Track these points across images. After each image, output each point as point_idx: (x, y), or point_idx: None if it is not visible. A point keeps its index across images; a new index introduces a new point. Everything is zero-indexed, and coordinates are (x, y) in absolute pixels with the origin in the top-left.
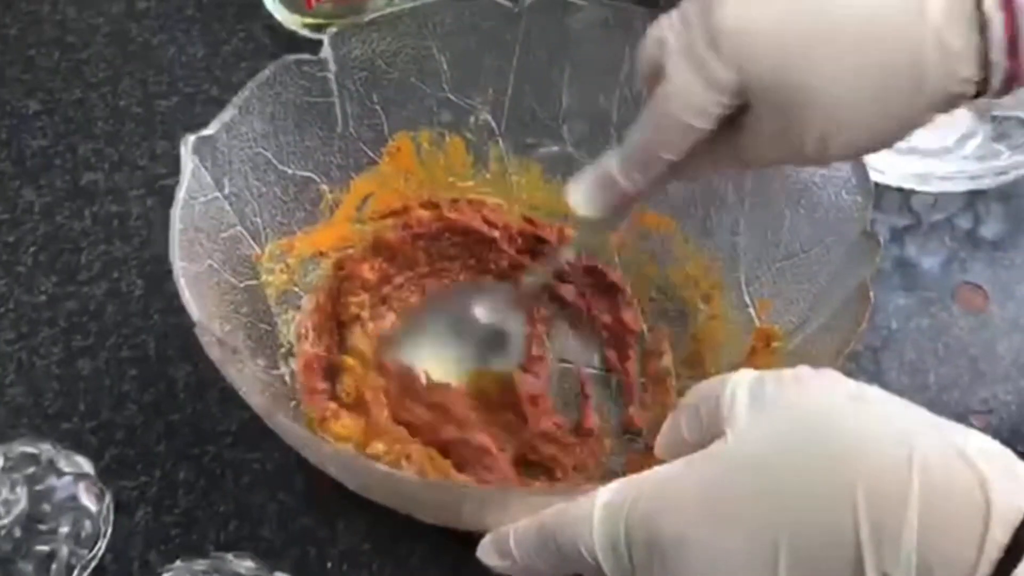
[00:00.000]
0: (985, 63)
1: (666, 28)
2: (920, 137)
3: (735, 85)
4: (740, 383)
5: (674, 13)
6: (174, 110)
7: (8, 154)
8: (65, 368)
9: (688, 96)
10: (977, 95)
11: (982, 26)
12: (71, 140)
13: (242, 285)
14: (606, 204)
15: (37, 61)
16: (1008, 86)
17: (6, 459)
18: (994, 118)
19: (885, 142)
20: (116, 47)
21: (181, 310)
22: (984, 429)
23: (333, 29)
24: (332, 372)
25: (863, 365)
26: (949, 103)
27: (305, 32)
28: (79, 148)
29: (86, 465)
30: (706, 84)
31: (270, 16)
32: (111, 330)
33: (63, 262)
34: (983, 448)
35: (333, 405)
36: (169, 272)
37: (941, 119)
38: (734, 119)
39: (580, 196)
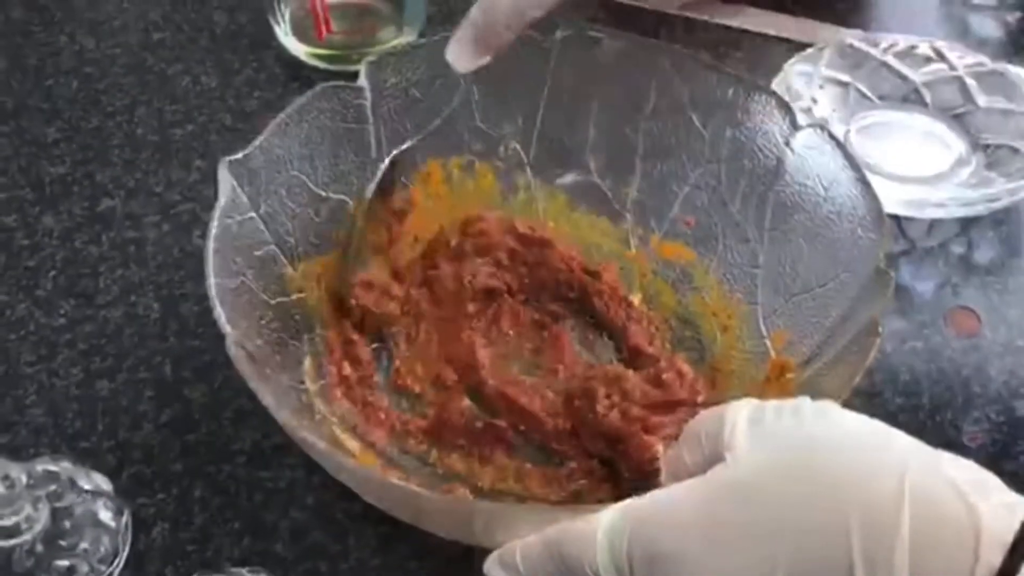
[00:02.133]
0: None
1: None
2: (915, 165)
3: None
4: (740, 412)
5: None
6: (189, 138)
7: (28, 181)
8: (84, 389)
9: None
10: None
11: None
12: (89, 167)
13: (273, 302)
14: (480, 58)
15: (56, 90)
16: None
17: (28, 477)
18: (987, 147)
19: None
20: (133, 77)
21: (196, 333)
22: (976, 449)
23: (371, 58)
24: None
25: (859, 387)
26: None
27: (316, 63)
28: (97, 175)
29: (105, 483)
30: None
31: (282, 47)
32: (128, 352)
33: (81, 286)
34: (972, 476)
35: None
36: (184, 295)
37: (936, 148)
38: None
39: (456, 55)
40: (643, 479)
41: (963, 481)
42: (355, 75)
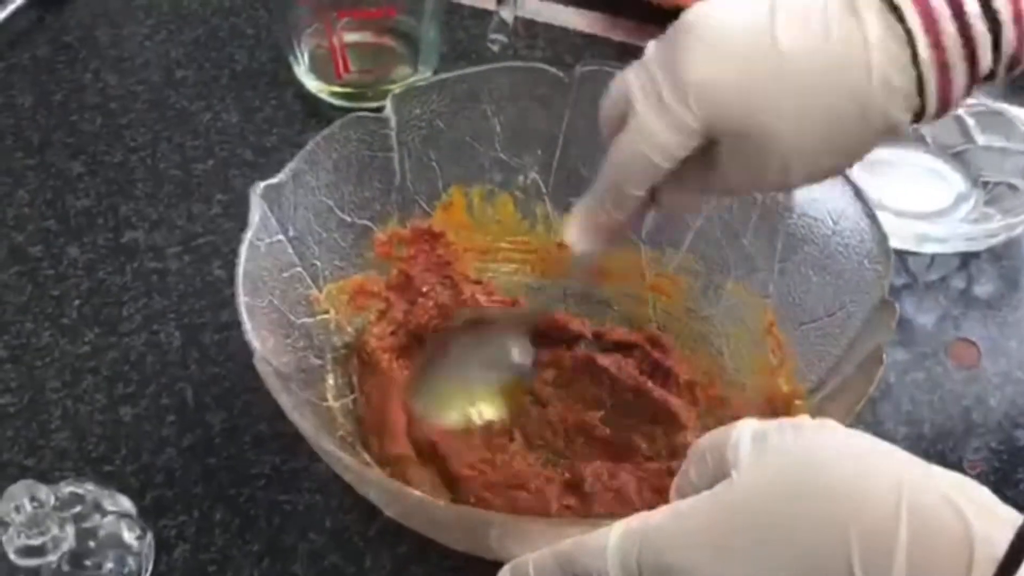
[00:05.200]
0: (920, 96)
1: (632, 79)
2: (916, 201)
3: (701, 129)
4: (744, 430)
5: (638, 66)
6: (210, 173)
7: (54, 213)
8: (108, 414)
9: (655, 139)
10: (915, 122)
11: (918, 72)
12: (113, 200)
13: (299, 322)
14: (595, 239)
15: (81, 126)
16: (943, 111)
17: (55, 499)
18: (985, 184)
19: (838, 170)
20: (155, 113)
21: (217, 361)
22: (977, 477)
23: (397, 90)
24: None
25: (863, 416)
26: (892, 133)
27: (333, 100)
28: (120, 208)
29: (128, 505)
30: (673, 129)
31: (301, 85)
32: (151, 379)
33: (105, 315)
34: (965, 490)
35: None
36: (205, 324)
37: (937, 185)
38: (703, 154)
39: (573, 236)
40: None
41: (957, 495)
42: (372, 112)
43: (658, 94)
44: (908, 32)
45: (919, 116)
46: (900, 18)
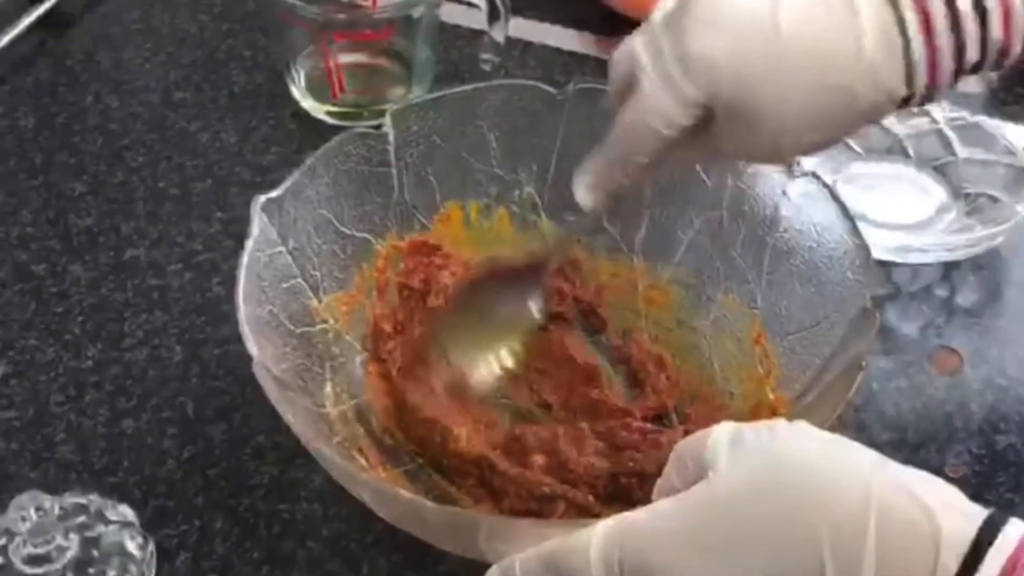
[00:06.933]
0: (909, 83)
1: (639, 47)
2: (899, 213)
3: (702, 101)
4: (722, 433)
5: (644, 34)
6: (209, 192)
7: (56, 232)
8: (111, 427)
9: (660, 109)
10: (901, 107)
11: (907, 53)
12: (114, 219)
13: (298, 331)
14: (601, 199)
15: (82, 147)
16: (928, 98)
17: (59, 509)
18: (967, 195)
19: (828, 145)
20: (155, 134)
21: (217, 374)
22: (958, 481)
23: (395, 106)
24: None
25: (847, 422)
26: (878, 116)
27: (329, 120)
28: (121, 227)
29: (131, 515)
30: (676, 99)
31: (298, 105)
32: (152, 393)
33: (108, 331)
34: (932, 488)
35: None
36: (205, 339)
37: (919, 197)
38: (703, 124)
39: (581, 195)
40: None
41: (924, 493)
42: (370, 128)
43: (664, 64)
44: (901, 23)
45: (906, 102)
46: (898, 14)
